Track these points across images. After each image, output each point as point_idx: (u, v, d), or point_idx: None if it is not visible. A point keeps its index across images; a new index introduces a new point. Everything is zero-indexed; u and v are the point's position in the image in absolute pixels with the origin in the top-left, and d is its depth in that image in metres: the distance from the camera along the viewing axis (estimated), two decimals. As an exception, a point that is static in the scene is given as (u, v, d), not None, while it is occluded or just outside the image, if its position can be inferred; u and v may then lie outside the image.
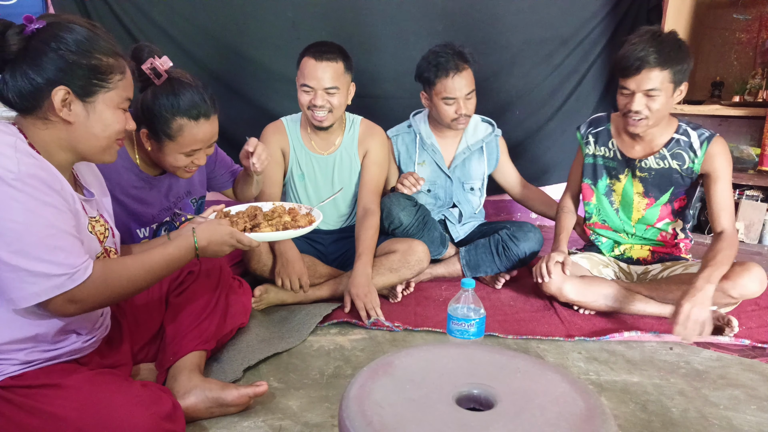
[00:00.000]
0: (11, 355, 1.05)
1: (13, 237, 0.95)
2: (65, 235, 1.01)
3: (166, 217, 1.67)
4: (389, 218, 2.12)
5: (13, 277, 0.97)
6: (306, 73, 1.96)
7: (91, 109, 1.06)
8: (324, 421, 1.30)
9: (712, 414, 1.37)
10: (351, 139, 2.17)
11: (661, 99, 1.77)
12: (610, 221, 2.09)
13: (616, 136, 2.03)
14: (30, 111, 1.04)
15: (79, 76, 1.03)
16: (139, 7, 2.74)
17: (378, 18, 2.95)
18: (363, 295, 1.85)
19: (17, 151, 0.97)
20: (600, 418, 0.80)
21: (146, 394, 1.10)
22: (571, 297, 1.93)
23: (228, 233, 1.27)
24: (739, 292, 1.79)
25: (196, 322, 1.43)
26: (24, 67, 1.01)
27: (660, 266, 2.05)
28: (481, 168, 2.39)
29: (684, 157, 1.91)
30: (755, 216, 2.70)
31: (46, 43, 1.01)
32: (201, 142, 1.46)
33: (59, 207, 1.01)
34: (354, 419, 0.79)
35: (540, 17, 3.08)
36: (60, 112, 1.03)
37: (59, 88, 1.02)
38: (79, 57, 1.03)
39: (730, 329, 1.78)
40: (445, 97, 2.15)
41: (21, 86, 1.01)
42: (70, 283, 1.00)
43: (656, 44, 1.73)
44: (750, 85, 2.95)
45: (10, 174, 0.95)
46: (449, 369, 0.94)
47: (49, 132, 1.05)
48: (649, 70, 1.73)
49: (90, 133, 1.08)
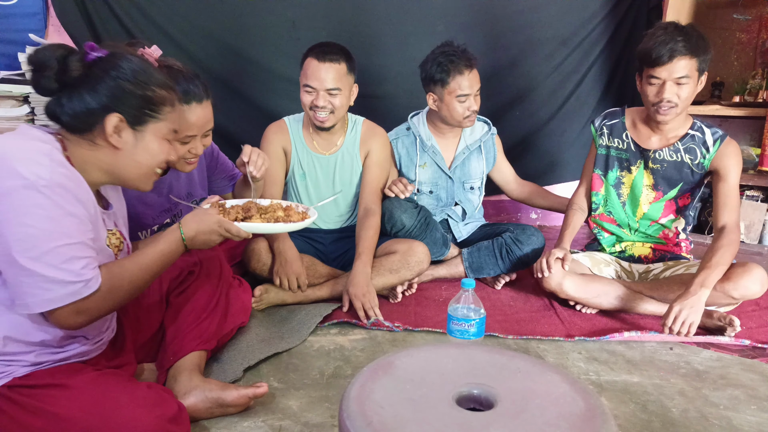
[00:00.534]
0: (21, 357, 1.06)
1: (32, 243, 0.97)
2: (83, 246, 1.03)
3: (167, 218, 1.66)
4: (391, 221, 2.12)
5: (30, 282, 0.98)
6: (308, 73, 1.96)
7: (140, 137, 1.11)
8: (324, 421, 1.30)
9: (712, 414, 1.37)
10: (353, 140, 2.17)
11: (689, 87, 1.84)
12: (616, 214, 2.11)
13: (631, 128, 2.06)
14: (80, 132, 1.07)
15: (133, 105, 1.08)
16: (139, 7, 2.74)
17: (378, 18, 2.95)
18: (361, 295, 1.85)
19: (51, 160, 1.00)
20: (600, 418, 0.80)
21: (151, 396, 1.10)
22: (570, 293, 1.93)
23: (216, 222, 1.25)
24: (741, 293, 1.80)
25: (197, 322, 1.43)
26: (82, 92, 1.04)
27: (662, 265, 2.06)
28: (480, 167, 2.41)
29: (696, 152, 1.94)
30: (755, 216, 2.70)
31: (106, 71, 1.05)
32: (196, 127, 1.46)
33: (81, 218, 1.03)
34: (354, 419, 0.79)
35: (540, 17, 3.08)
36: (110, 138, 1.07)
37: (113, 115, 1.06)
38: (135, 87, 1.07)
39: (732, 329, 1.78)
40: (459, 95, 2.17)
41: (77, 109, 1.05)
42: (85, 290, 1.02)
43: (683, 34, 1.79)
44: (750, 86, 2.95)
45: (42, 180, 0.97)
46: (449, 369, 0.94)
47: (93, 153, 1.09)
48: (680, 58, 1.79)
49: (134, 161, 1.12)
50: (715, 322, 1.83)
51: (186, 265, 1.47)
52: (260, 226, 1.36)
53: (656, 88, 1.85)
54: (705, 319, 1.82)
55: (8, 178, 0.95)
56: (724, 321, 1.81)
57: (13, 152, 0.97)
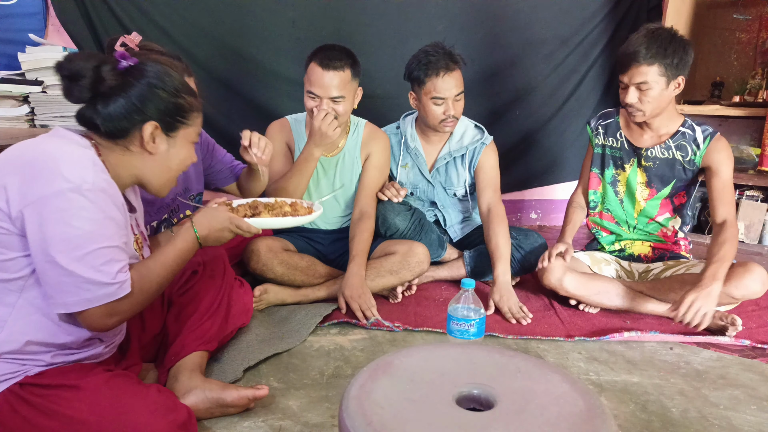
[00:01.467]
0: (39, 356, 1.07)
1: (76, 244, 0.99)
2: (120, 250, 1.06)
3: (164, 214, 1.66)
4: (385, 224, 2.12)
5: (70, 282, 1.00)
6: (312, 80, 1.93)
7: (172, 143, 1.16)
8: (324, 421, 1.30)
9: (712, 414, 1.37)
10: (354, 142, 2.17)
11: (652, 92, 1.86)
12: (614, 211, 2.13)
13: (624, 127, 2.10)
14: (114, 138, 1.11)
15: (168, 113, 1.13)
16: (139, 7, 2.74)
17: (378, 18, 2.95)
18: (357, 296, 1.85)
19: (95, 164, 1.04)
20: (600, 418, 0.80)
21: (163, 401, 1.11)
22: (570, 290, 1.94)
23: (226, 219, 1.29)
24: (742, 292, 1.80)
25: (199, 323, 1.43)
26: (120, 101, 1.08)
27: (662, 265, 2.06)
28: (463, 175, 2.31)
29: (687, 149, 1.97)
30: (755, 216, 2.70)
31: (140, 80, 1.09)
32: None
33: (119, 223, 1.07)
34: (354, 419, 0.79)
35: (540, 17, 3.08)
36: (147, 145, 1.12)
37: (150, 123, 1.10)
38: (169, 95, 1.12)
39: (734, 328, 1.78)
40: (434, 97, 2.12)
41: (114, 116, 1.08)
42: (121, 291, 1.05)
43: (647, 41, 1.83)
44: (750, 85, 2.95)
45: (86, 184, 1.00)
46: (449, 369, 0.94)
47: (126, 158, 1.13)
48: (638, 66, 1.84)
49: (165, 166, 1.17)
50: (717, 322, 1.83)
51: (190, 265, 1.48)
52: (270, 221, 1.38)
53: (623, 92, 1.92)
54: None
55: (56, 180, 0.98)
56: (726, 320, 1.82)
57: (61, 155, 1.01)
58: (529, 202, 3.40)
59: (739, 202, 2.74)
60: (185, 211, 1.72)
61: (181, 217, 1.72)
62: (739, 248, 2.65)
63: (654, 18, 3.12)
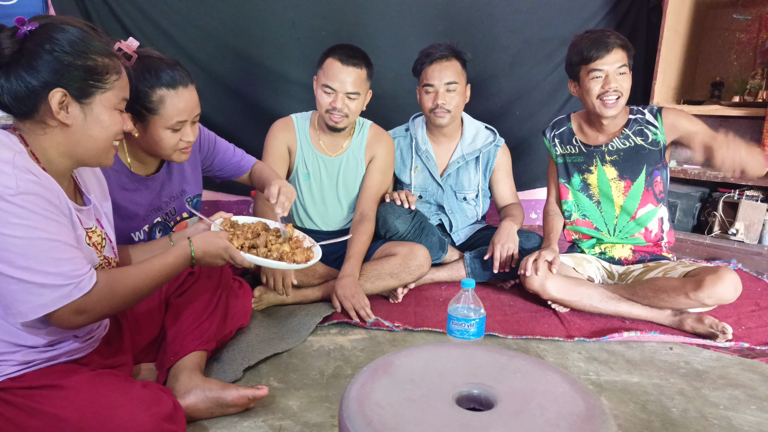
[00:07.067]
0: (8, 356, 1.06)
1: (16, 253, 0.96)
2: (67, 247, 1.01)
3: (157, 217, 1.65)
4: (385, 227, 2.12)
5: (20, 289, 0.97)
6: (330, 74, 1.96)
7: (88, 110, 1.06)
8: (324, 421, 1.30)
9: (712, 414, 1.37)
10: (359, 143, 2.18)
11: (628, 78, 1.94)
12: (591, 216, 2.12)
13: (578, 132, 2.13)
14: (28, 115, 1.03)
15: (75, 77, 1.02)
16: (139, 7, 2.74)
17: (378, 18, 2.95)
18: (350, 295, 1.86)
19: (15, 167, 0.97)
20: (600, 418, 0.80)
21: (147, 395, 1.10)
22: (553, 294, 1.93)
23: (223, 248, 1.28)
24: (714, 300, 1.74)
25: (197, 323, 1.43)
26: (19, 71, 0.99)
27: (641, 267, 2.05)
28: (476, 178, 2.33)
29: (646, 132, 2.01)
30: (755, 216, 2.70)
31: (41, 45, 1.00)
32: (184, 112, 1.46)
33: (59, 220, 1.02)
34: (354, 419, 0.79)
35: (540, 17, 3.08)
36: (57, 115, 1.02)
37: (56, 91, 1.01)
38: (74, 58, 1.02)
39: (724, 336, 1.75)
40: (425, 84, 2.16)
41: (17, 90, 1.00)
42: (77, 292, 1.00)
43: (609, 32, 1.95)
44: (750, 86, 2.95)
45: (9, 191, 0.94)
46: (449, 369, 0.94)
47: (48, 137, 1.05)
48: (617, 49, 1.91)
49: (88, 136, 1.07)
50: (707, 329, 1.78)
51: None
52: (263, 261, 1.38)
53: (601, 81, 1.93)
54: (696, 324, 1.80)
55: None
56: (716, 328, 1.77)
57: None
58: (529, 202, 3.40)
59: (739, 202, 2.74)
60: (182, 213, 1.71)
61: (178, 220, 1.71)
62: (740, 248, 2.66)
63: (654, 18, 3.12)
